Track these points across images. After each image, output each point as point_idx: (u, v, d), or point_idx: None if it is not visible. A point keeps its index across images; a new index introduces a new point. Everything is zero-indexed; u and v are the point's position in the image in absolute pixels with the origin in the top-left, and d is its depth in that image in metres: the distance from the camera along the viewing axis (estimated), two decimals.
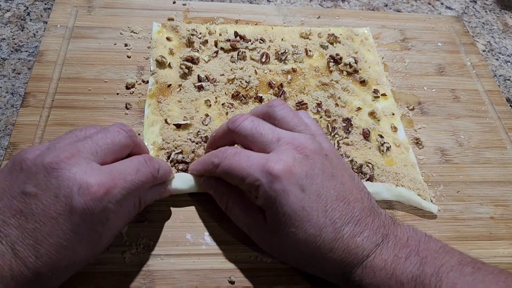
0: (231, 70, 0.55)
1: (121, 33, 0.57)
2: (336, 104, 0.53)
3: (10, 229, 0.30)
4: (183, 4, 0.63)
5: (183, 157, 0.45)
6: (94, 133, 0.35)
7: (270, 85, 0.54)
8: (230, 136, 0.41)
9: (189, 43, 0.57)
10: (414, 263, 0.34)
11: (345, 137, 0.50)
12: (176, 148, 0.46)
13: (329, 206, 0.35)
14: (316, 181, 0.36)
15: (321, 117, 0.52)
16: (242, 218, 0.40)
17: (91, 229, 0.32)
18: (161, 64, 0.54)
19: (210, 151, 0.42)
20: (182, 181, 0.43)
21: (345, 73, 0.57)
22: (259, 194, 0.36)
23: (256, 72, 0.55)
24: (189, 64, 0.53)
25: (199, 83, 0.53)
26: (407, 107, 0.56)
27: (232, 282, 0.39)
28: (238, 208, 0.40)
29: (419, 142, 0.52)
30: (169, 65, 0.54)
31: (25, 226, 0.30)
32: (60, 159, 0.31)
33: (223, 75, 0.54)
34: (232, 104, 0.52)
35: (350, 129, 0.51)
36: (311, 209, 0.35)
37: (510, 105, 0.60)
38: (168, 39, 0.57)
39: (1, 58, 0.56)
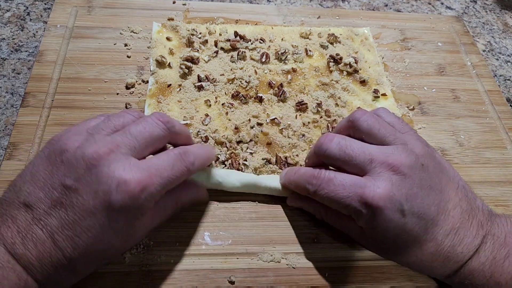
0: (231, 70, 0.55)
1: (121, 33, 0.57)
2: (336, 104, 0.53)
3: (51, 219, 0.31)
4: (183, 4, 0.63)
5: None
6: (133, 125, 0.35)
7: (270, 85, 0.54)
8: (319, 160, 0.40)
9: (189, 43, 0.57)
10: None
11: None
12: None
13: (430, 223, 0.36)
14: (415, 201, 0.35)
15: (321, 117, 0.52)
16: (340, 226, 0.42)
17: (127, 224, 0.33)
18: (161, 64, 0.54)
19: (303, 170, 0.41)
20: (236, 178, 0.44)
21: (345, 73, 0.57)
22: (359, 221, 0.37)
23: (256, 72, 0.55)
24: (189, 64, 0.53)
25: (199, 83, 0.53)
26: (407, 107, 0.56)
27: (232, 282, 0.39)
28: (335, 218, 0.41)
29: None
30: (169, 65, 0.54)
31: (65, 217, 0.31)
32: (100, 155, 0.32)
33: (223, 75, 0.54)
34: (232, 104, 0.52)
35: None
36: (413, 231, 0.36)
37: (510, 105, 0.60)
38: (168, 39, 0.57)
39: (1, 58, 0.56)
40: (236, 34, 0.58)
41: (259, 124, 0.50)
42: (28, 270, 0.31)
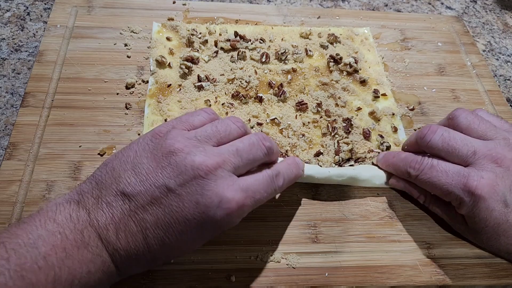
0: (231, 70, 0.55)
1: (121, 33, 0.57)
2: (336, 104, 0.53)
3: (147, 215, 0.32)
4: (183, 4, 0.63)
5: None
6: (239, 142, 0.36)
7: (270, 85, 0.54)
8: (420, 149, 0.41)
9: (189, 43, 0.57)
10: None
11: (345, 137, 0.50)
12: None
13: None
14: None
15: (321, 117, 0.52)
16: (440, 212, 0.43)
17: (211, 234, 0.34)
18: (161, 64, 0.54)
19: (404, 155, 0.43)
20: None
21: (345, 73, 0.57)
22: (462, 208, 0.38)
23: (256, 72, 0.55)
24: (189, 64, 0.53)
25: (199, 83, 0.53)
26: (407, 107, 0.56)
27: (232, 282, 0.39)
28: (436, 204, 0.43)
29: None
30: (169, 65, 0.54)
31: (161, 217, 0.32)
32: (208, 167, 0.33)
33: (223, 75, 0.54)
34: (232, 104, 0.52)
35: (350, 129, 0.51)
36: None
37: (510, 105, 0.60)
38: (168, 39, 0.57)
39: (1, 58, 0.56)
40: (236, 34, 0.58)
41: (259, 124, 0.50)
42: (113, 257, 0.32)
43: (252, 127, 0.50)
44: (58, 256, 0.29)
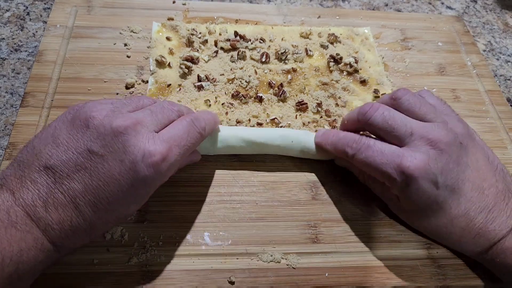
0: (231, 70, 0.55)
1: (120, 33, 0.57)
2: (336, 104, 0.53)
3: (74, 183, 0.32)
4: (183, 4, 0.63)
5: None
6: (153, 106, 0.38)
7: (270, 84, 0.54)
8: (360, 125, 0.42)
9: (189, 43, 0.57)
10: None
11: None
12: None
13: (463, 199, 0.38)
14: (450, 175, 0.37)
15: (321, 117, 0.52)
16: (378, 191, 0.44)
17: (146, 191, 0.34)
18: (160, 64, 0.54)
19: (343, 134, 0.43)
20: (235, 140, 0.45)
21: (345, 73, 0.57)
22: (395, 188, 0.39)
23: (256, 72, 0.55)
24: (189, 64, 0.53)
25: (199, 83, 0.52)
26: None
27: (232, 282, 0.39)
28: (373, 184, 0.44)
29: None
30: (169, 65, 0.54)
31: (89, 183, 0.32)
32: (127, 125, 0.33)
33: (223, 75, 0.54)
34: (232, 104, 0.51)
35: None
36: (445, 204, 0.38)
37: (511, 105, 0.60)
38: (168, 38, 0.57)
39: (1, 58, 0.56)
40: (236, 34, 0.58)
41: (259, 124, 0.50)
42: (46, 233, 0.31)
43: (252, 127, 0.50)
44: None
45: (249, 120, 0.50)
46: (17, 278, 0.29)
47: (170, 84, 0.52)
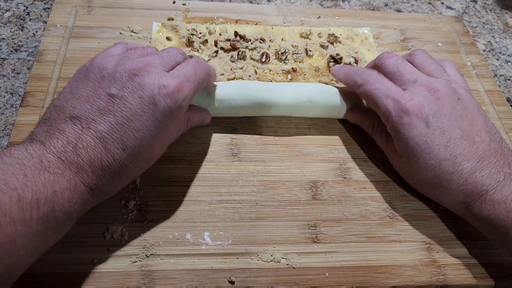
0: (231, 69, 0.55)
1: (120, 33, 0.57)
2: None
3: (100, 125, 0.34)
4: (183, 4, 0.63)
5: None
6: (159, 51, 0.41)
7: None
8: (375, 68, 0.47)
9: (189, 43, 0.57)
10: None
11: None
12: None
13: (452, 142, 0.40)
14: (443, 119, 0.40)
15: None
16: (381, 145, 0.47)
17: (166, 125, 0.37)
18: None
19: (358, 68, 0.48)
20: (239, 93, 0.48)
21: None
22: (389, 122, 0.43)
23: (256, 72, 0.55)
24: None
25: None
26: None
27: (232, 282, 0.39)
28: (380, 137, 0.47)
29: None
30: None
31: (114, 122, 0.34)
32: (139, 67, 0.37)
33: (223, 74, 0.54)
34: None
35: None
36: (433, 143, 0.40)
37: (511, 105, 0.60)
38: (168, 38, 0.57)
39: (1, 58, 0.56)
40: (236, 34, 0.58)
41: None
42: (79, 175, 0.33)
43: None
44: (19, 181, 0.29)
45: None
46: (54, 218, 0.31)
47: None
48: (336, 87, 0.51)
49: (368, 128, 0.49)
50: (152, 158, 0.39)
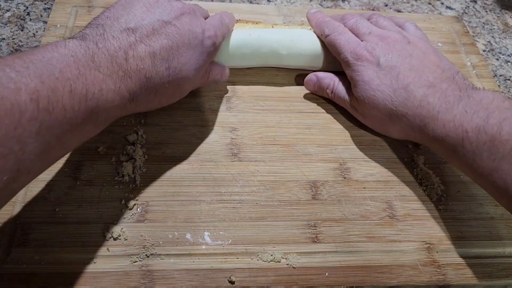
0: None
1: None
2: None
3: (153, 42, 0.37)
4: None
5: None
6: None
7: None
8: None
9: None
10: (481, 116, 0.38)
11: None
12: None
13: (402, 74, 0.44)
14: (392, 58, 0.45)
15: None
16: (341, 101, 0.51)
17: (204, 63, 0.42)
18: None
19: (329, 18, 0.53)
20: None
21: None
22: (347, 68, 0.48)
23: None
24: None
25: None
26: None
27: (232, 282, 0.39)
28: (339, 95, 0.51)
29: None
30: None
31: (165, 43, 0.38)
32: (188, 8, 0.42)
33: None
34: None
35: None
36: (385, 77, 0.45)
37: None
38: None
39: None
40: None
41: None
42: (124, 80, 0.35)
43: None
44: (72, 73, 0.31)
45: None
46: (96, 114, 0.33)
47: None
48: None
49: (328, 87, 0.52)
50: (182, 89, 0.42)
